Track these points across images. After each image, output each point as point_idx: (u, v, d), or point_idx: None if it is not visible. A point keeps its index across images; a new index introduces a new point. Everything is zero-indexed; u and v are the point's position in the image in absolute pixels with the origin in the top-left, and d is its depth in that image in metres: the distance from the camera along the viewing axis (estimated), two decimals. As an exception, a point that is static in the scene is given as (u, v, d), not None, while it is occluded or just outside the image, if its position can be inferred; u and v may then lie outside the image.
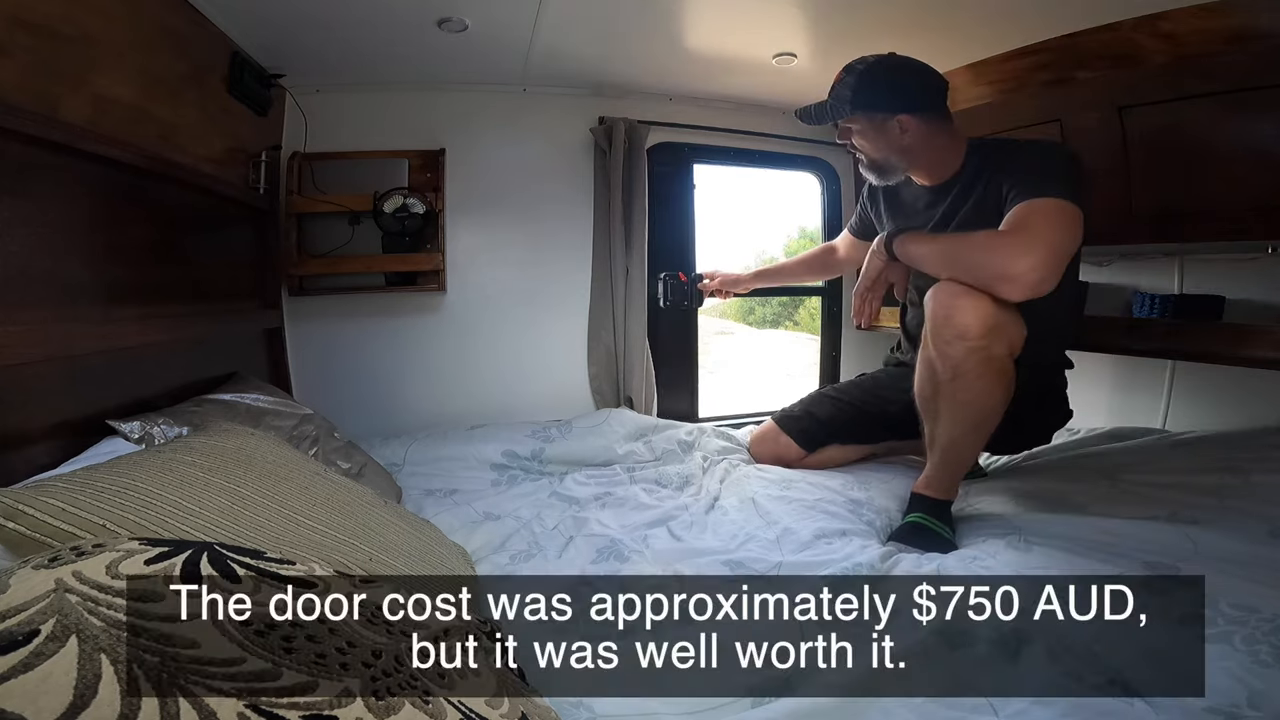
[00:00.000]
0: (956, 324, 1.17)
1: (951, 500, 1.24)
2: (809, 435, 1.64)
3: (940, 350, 1.20)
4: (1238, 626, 0.78)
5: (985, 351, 1.16)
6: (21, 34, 0.94)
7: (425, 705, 0.44)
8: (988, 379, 1.17)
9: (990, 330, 1.15)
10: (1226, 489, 1.18)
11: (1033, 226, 1.17)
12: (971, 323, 1.16)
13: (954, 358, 1.18)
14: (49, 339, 1.00)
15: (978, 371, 1.17)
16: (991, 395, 1.18)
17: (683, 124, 2.19)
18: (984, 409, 1.19)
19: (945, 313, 1.19)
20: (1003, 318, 1.16)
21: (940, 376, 1.22)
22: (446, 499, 1.44)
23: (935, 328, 1.20)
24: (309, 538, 0.76)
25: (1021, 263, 1.13)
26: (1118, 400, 1.88)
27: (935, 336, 1.21)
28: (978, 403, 1.19)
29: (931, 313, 1.21)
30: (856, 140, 1.38)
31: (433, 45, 1.69)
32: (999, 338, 1.16)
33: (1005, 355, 1.18)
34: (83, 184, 1.13)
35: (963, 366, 1.18)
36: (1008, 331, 1.17)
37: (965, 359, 1.17)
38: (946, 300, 1.19)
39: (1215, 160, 1.37)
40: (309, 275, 1.92)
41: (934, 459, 1.26)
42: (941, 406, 1.23)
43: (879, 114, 1.32)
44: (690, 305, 1.91)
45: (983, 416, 1.20)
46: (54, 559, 0.43)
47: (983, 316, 1.15)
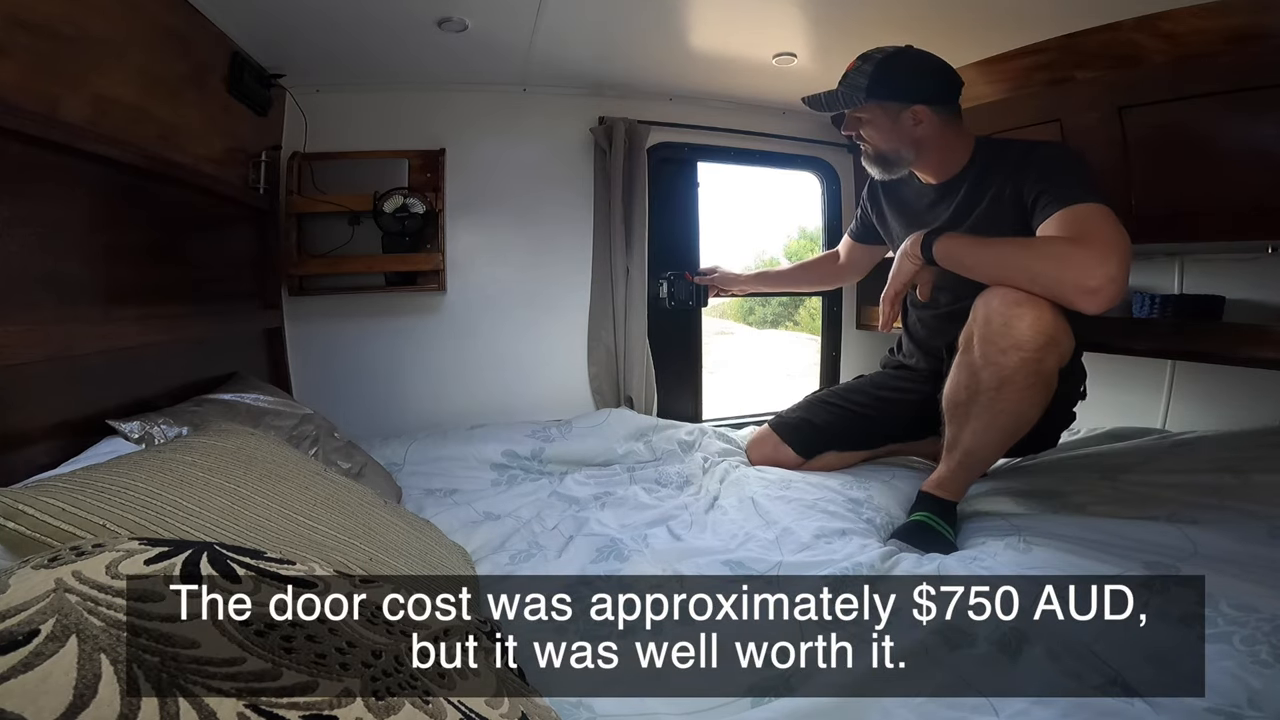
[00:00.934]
0: (1014, 333, 1.12)
1: (958, 502, 1.24)
2: (807, 442, 1.63)
3: (990, 358, 1.16)
4: (1237, 626, 0.78)
5: (1039, 364, 1.13)
6: (21, 34, 0.94)
7: (425, 705, 0.44)
8: (1034, 390, 1.14)
9: (1048, 342, 1.12)
10: (1226, 489, 1.18)
11: (1100, 234, 1.11)
12: (1029, 334, 1.12)
13: (1006, 367, 1.14)
14: (49, 339, 1.00)
15: (1027, 383, 1.14)
16: (1034, 407, 1.15)
17: (683, 124, 2.19)
18: (1021, 419, 1.17)
19: (1003, 320, 1.14)
20: (1060, 329, 1.12)
21: (984, 384, 1.18)
22: (446, 499, 1.44)
23: (989, 334, 1.16)
24: (309, 538, 0.76)
25: (1100, 274, 1.07)
26: (1118, 400, 1.88)
27: (986, 344, 1.16)
28: (1017, 412, 1.16)
29: (985, 318, 1.16)
30: (866, 131, 1.36)
31: (433, 45, 1.69)
32: (1053, 350, 1.12)
33: (1055, 368, 1.14)
34: (83, 184, 1.13)
35: (1013, 377, 1.14)
36: (1061, 344, 1.13)
37: (1017, 370, 1.13)
38: (1004, 308, 1.14)
39: (1215, 160, 1.37)
40: (309, 275, 1.92)
41: (951, 461, 1.24)
42: (975, 412, 1.20)
43: (894, 103, 1.31)
44: (695, 305, 1.91)
45: (1017, 426, 1.17)
46: (54, 559, 0.43)
47: (1043, 328, 1.11)
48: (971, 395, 1.21)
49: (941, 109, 1.32)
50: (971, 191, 1.35)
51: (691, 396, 2.36)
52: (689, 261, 2.27)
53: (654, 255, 2.14)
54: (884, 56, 1.32)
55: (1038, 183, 1.22)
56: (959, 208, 1.37)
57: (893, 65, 1.31)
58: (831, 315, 2.56)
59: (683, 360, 2.33)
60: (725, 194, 2.45)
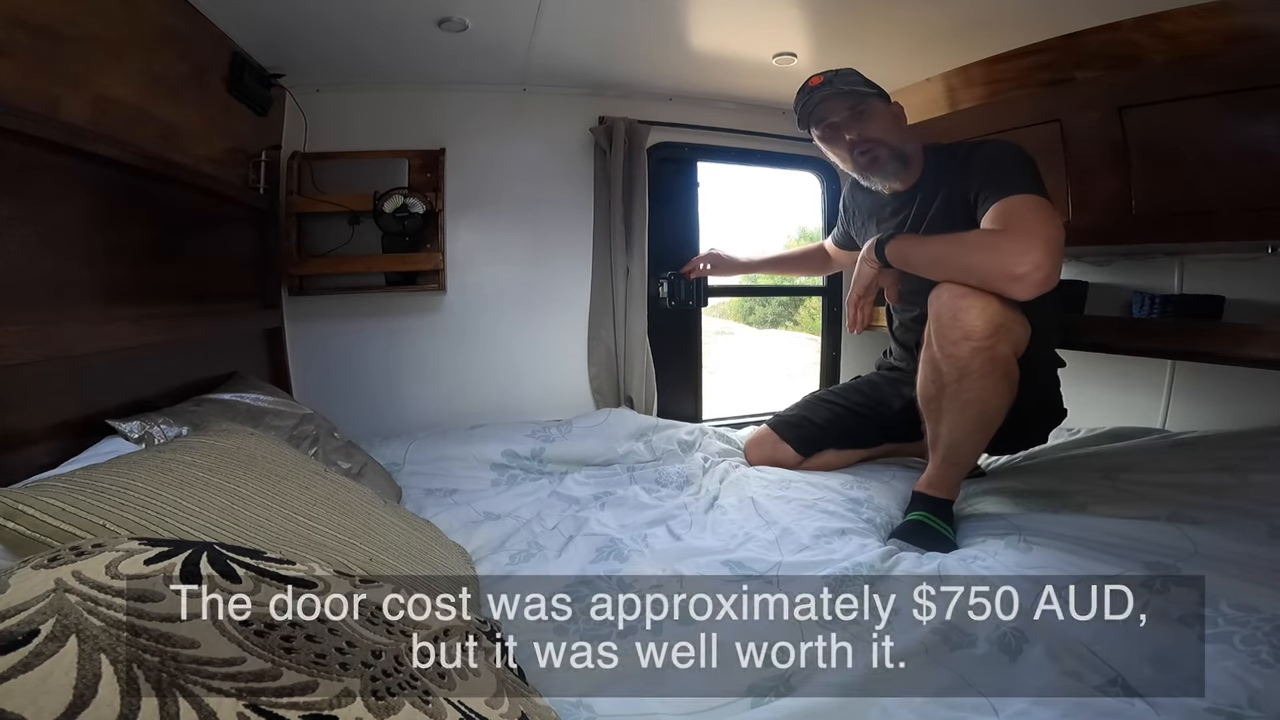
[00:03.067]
0: (963, 324, 1.17)
1: (953, 500, 1.24)
2: (806, 441, 1.63)
3: (946, 351, 1.20)
4: (1238, 627, 0.78)
5: (991, 351, 1.16)
6: (22, 34, 0.94)
7: (425, 705, 0.44)
8: (994, 378, 1.17)
9: (996, 330, 1.16)
10: (1226, 489, 1.18)
11: (1026, 223, 1.18)
12: (978, 323, 1.16)
13: (960, 358, 1.18)
14: (49, 339, 1.00)
15: (984, 371, 1.17)
16: (997, 395, 1.18)
17: (683, 124, 2.19)
18: (988, 408, 1.19)
19: (951, 313, 1.18)
20: (1008, 317, 1.17)
21: (945, 377, 1.22)
22: (446, 499, 1.44)
23: (940, 328, 1.20)
24: (309, 538, 0.76)
25: (1026, 260, 1.13)
26: (1118, 400, 1.88)
27: (940, 337, 1.21)
28: (982, 402, 1.19)
29: (936, 313, 1.21)
30: (876, 130, 1.37)
31: (433, 45, 1.69)
32: (1004, 337, 1.17)
33: (1010, 355, 1.18)
34: (83, 184, 1.13)
35: (969, 367, 1.18)
36: (1013, 330, 1.18)
37: (971, 359, 1.17)
38: (951, 301, 1.19)
39: (1215, 160, 1.37)
40: (309, 275, 1.91)
41: (936, 459, 1.26)
42: (945, 406, 1.23)
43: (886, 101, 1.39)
44: (696, 305, 1.91)
45: (987, 416, 1.20)
46: (54, 559, 0.43)
47: (989, 316, 1.16)
48: (938, 390, 1.24)
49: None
50: (926, 196, 1.40)
51: (691, 396, 2.36)
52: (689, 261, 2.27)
53: (654, 255, 2.14)
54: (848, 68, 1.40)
55: (978, 179, 1.28)
56: (918, 211, 1.42)
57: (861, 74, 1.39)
58: (831, 315, 2.56)
59: (683, 360, 2.33)
60: (725, 193, 2.45)
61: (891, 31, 1.58)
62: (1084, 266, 1.87)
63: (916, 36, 1.60)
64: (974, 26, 1.55)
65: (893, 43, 1.61)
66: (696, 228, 2.31)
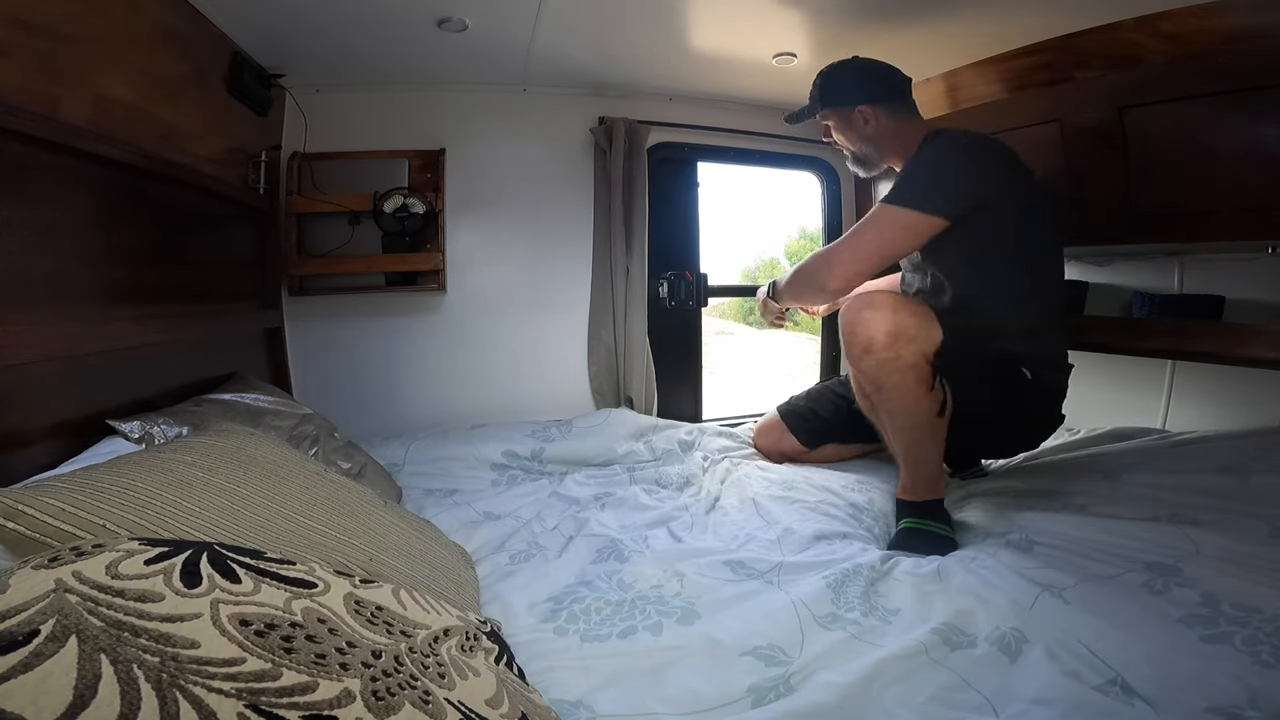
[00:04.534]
0: (861, 338, 1.20)
1: (939, 498, 1.24)
2: (811, 433, 1.65)
3: (856, 366, 1.25)
4: (1239, 627, 0.78)
5: (895, 360, 1.18)
6: (22, 34, 0.94)
7: (425, 705, 0.44)
8: (907, 384, 1.19)
9: (896, 338, 1.17)
10: (1227, 489, 1.18)
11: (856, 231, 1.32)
12: (876, 335, 1.18)
13: (868, 371, 1.22)
14: (49, 339, 1.00)
15: (895, 380, 1.19)
16: (917, 400, 1.19)
17: (683, 124, 2.19)
18: (913, 412, 1.21)
19: (850, 329, 1.22)
20: (907, 323, 1.18)
21: (867, 391, 1.27)
22: (447, 499, 1.44)
23: (845, 345, 1.25)
24: (309, 538, 0.76)
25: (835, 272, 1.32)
26: (1118, 400, 1.88)
27: (848, 353, 1.25)
28: (904, 408, 1.21)
29: (840, 331, 1.26)
30: (835, 136, 1.50)
31: (433, 45, 1.69)
32: (906, 345, 1.18)
33: (919, 359, 1.19)
34: (83, 184, 1.13)
35: (879, 378, 1.21)
36: (916, 337, 1.18)
37: (878, 370, 1.20)
38: (850, 317, 1.23)
39: (1215, 160, 1.37)
40: (309, 275, 1.92)
41: (900, 466, 1.28)
42: (882, 418, 1.29)
43: (844, 107, 1.45)
44: (696, 305, 1.91)
45: (917, 419, 1.21)
46: (54, 559, 0.43)
47: (886, 327, 1.18)
48: (869, 405, 1.31)
49: (887, 106, 1.43)
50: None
51: (691, 396, 2.36)
52: (689, 261, 2.28)
53: (654, 255, 2.15)
54: (828, 68, 1.48)
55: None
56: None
57: (835, 74, 1.47)
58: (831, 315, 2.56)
59: (683, 360, 2.33)
60: (726, 194, 2.46)
61: (890, 32, 1.58)
62: (1084, 266, 1.87)
63: (915, 37, 1.60)
64: (974, 27, 1.56)
65: (893, 43, 1.61)
66: (696, 228, 2.31)
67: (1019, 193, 1.29)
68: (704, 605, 0.93)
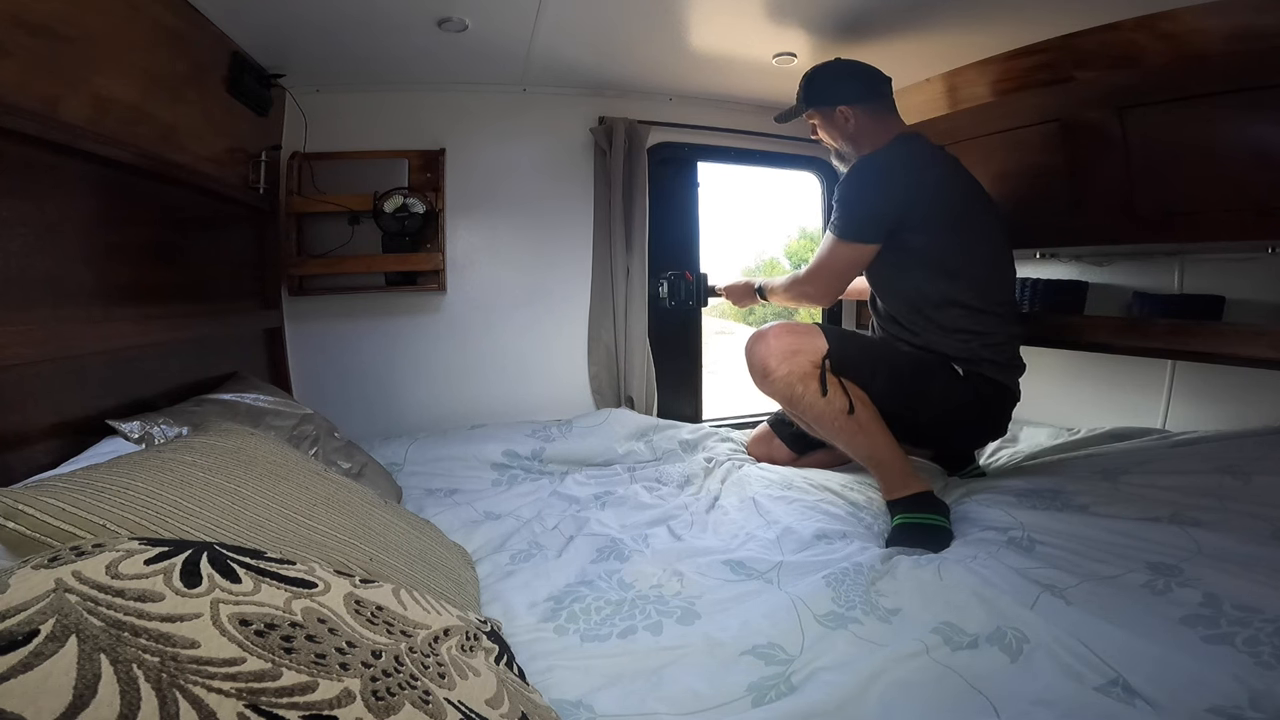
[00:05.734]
0: (757, 366, 1.38)
1: (925, 489, 1.25)
2: (798, 439, 1.66)
3: (766, 392, 1.40)
4: (1240, 627, 0.78)
5: (790, 375, 1.34)
6: (21, 34, 0.94)
7: (425, 705, 0.44)
8: (810, 394, 1.33)
9: (786, 357, 1.35)
10: (1228, 489, 1.18)
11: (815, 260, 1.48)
12: (766, 359, 1.36)
13: (775, 393, 1.38)
14: (49, 339, 1.00)
15: (799, 392, 1.34)
16: (828, 403, 1.31)
17: (683, 124, 2.19)
18: (827, 415, 1.32)
19: (749, 361, 1.40)
20: (788, 341, 1.35)
21: (792, 410, 1.39)
22: (447, 499, 1.44)
23: (750, 374, 1.40)
24: (309, 538, 0.76)
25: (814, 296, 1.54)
26: (1118, 400, 1.88)
27: (755, 384, 1.41)
28: (819, 414, 1.33)
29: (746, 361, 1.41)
30: (820, 133, 1.56)
31: (433, 45, 1.69)
32: (793, 358, 1.34)
33: (809, 369, 1.34)
34: (83, 184, 1.13)
35: (788, 395, 1.35)
36: (800, 349, 1.35)
37: (782, 391, 1.36)
38: (747, 350, 1.41)
39: (1215, 160, 1.37)
40: (309, 275, 1.92)
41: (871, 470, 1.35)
42: (818, 431, 1.38)
43: (826, 106, 1.51)
44: (697, 305, 1.91)
45: (834, 422, 1.32)
46: (54, 559, 0.43)
47: (771, 350, 1.35)
48: (804, 423, 1.41)
49: (866, 106, 1.48)
50: None
51: (691, 396, 2.36)
52: (689, 261, 2.28)
53: (654, 255, 2.15)
54: (813, 69, 1.53)
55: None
56: None
57: (819, 75, 1.52)
58: (830, 316, 2.56)
59: (683, 360, 2.33)
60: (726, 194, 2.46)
61: (890, 32, 1.58)
62: (1084, 266, 1.87)
63: (915, 37, 1.60)
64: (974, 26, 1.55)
65: (893, 43, 1.61)
66: (696, 228, 2.31)
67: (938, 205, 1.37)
68: (704, 605, 0.93)
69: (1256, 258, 1.53)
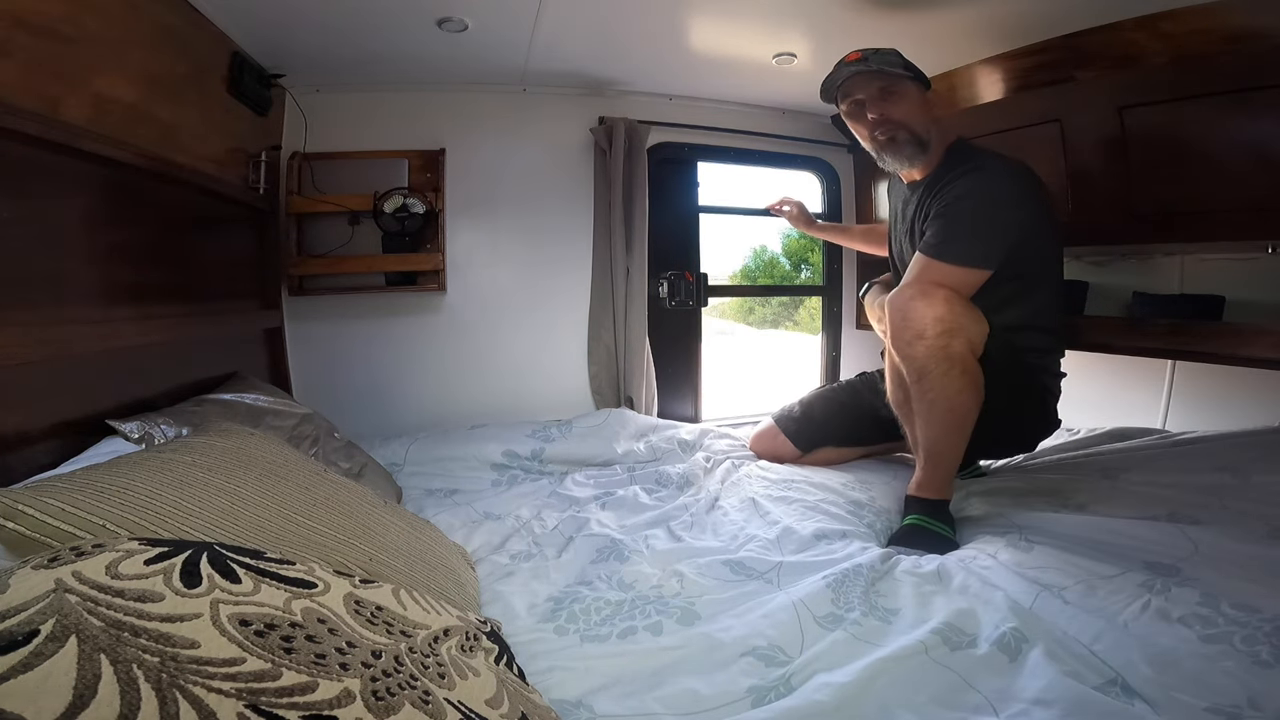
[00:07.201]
0: (914, 324, 1.20)
1: (947, 499, 1.24)
2: (805, 436, 1.65)
3: (902, 352, 1.23)
4: (1238, 627, 0.78)
5: (945, 349, 1.18)
6: (22, 34, 0.94)
7: (425, 705, 0.44)
8: (952, 375, 1.19)
9: (946, 328, 1.18)
10: (1227, 489, 1.18)
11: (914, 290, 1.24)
12: (928, 321, 1.19)
13: (916, 358, 1.21)
14: (49, 339, 1.00)
15: (941, 369, 1.19)
16: (960, 391, 1.19)
17: (683, 124, 2.19)
18: (954, 404, 1.20)
19: (901, 315, 1.22)
20: (956, 314, 1.19)
21: (907, 379, 1.25)
22: (447, 499, 1.44)
23: (894, 330, 1.23)
24: (309, 538, 0.76)
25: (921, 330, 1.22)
26: (1118, 400, 1.88)
27: (896, 339, 1.24)
28: (946, 399, 1.20)
29: (889, 317, 1.24)
30: (900, 112, 1.34)
31: (433, 45, 1.69)
32: (957, 335, 1.18)
33: (966, 352, 1.19)
34: (83, 184, 1.13)
35: (926, 365, 1.20)
36: (966, 328, 1.20)
37: (928, 358, 1.20)
38: (901, 303, 1.23)
39: (1215, 160, 1.37)
40: (309, 275, 1.92)
41: (920, 461, 1.27)
42: (915, 409, 1.26)
43: (923, 84, 1.36)
44: (696, 305, 1.91)
45: (955, 413, 1.21)
46: (54, 559, 0.43)
47: (938, 314, 1.18)
48: (904, 394, 1.28)
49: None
50: (927, 193, 1.38)
51: (691, 396, 2.36)
52: (689, 261, 2.28)
53: (654, 255, 2.15)
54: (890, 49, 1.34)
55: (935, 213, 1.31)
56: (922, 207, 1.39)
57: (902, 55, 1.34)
58: (831, 315, 2.56)
59: (683, 360, 2.33)
60: (725, 193, 2.45)
61: (890, 32, 1.58)
62: (1084, 266, 1.87)
63: (917, 37, 1.60)
64: (974, 26, 1.56)
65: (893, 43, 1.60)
66: (696, 228, 2.31)
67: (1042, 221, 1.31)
68: (704, 605, 0.93)
69: (1256, 258, 1.53)
